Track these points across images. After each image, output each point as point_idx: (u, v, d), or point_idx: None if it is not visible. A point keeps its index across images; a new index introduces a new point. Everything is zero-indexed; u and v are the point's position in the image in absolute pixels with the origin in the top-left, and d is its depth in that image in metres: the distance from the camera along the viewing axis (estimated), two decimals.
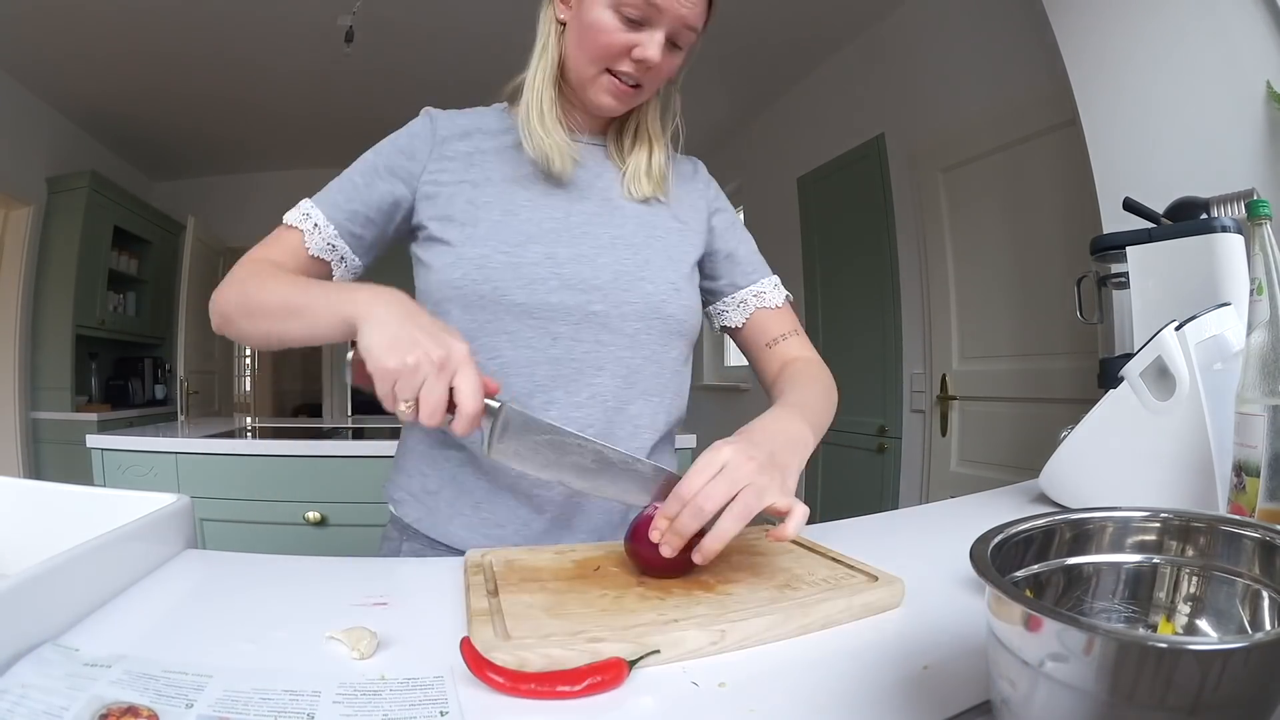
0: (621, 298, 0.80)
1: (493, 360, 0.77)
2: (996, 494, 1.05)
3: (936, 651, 0.49)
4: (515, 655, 0.46)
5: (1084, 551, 0.44)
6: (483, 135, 0.84)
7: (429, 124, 0.83)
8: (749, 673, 0.47)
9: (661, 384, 0.84)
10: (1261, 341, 0.65)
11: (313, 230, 0.80)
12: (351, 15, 2.85)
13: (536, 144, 0.80)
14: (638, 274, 0.81)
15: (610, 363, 0.80)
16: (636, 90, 0.79)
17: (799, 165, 3.44)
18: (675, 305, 0.83)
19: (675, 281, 0.83)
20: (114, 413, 4.03)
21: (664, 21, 0.74)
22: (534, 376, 0.78)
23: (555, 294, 0.77)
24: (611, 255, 0.80)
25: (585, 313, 0.78)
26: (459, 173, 0.81)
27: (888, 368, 2.89)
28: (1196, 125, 1.30)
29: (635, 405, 0.82)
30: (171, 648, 0.49)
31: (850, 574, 0.62)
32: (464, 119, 0.85)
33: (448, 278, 0.77)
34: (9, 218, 3.66)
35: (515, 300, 0.76)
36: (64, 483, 0.75)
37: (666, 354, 0.84)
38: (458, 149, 0.83)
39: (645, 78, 0.78)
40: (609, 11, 0.74)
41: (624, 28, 0.75)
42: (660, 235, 0.85)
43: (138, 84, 3.58)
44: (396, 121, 0.86)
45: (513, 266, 0.77)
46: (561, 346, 0.78)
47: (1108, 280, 1.26)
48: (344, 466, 2.17)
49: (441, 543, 0.81)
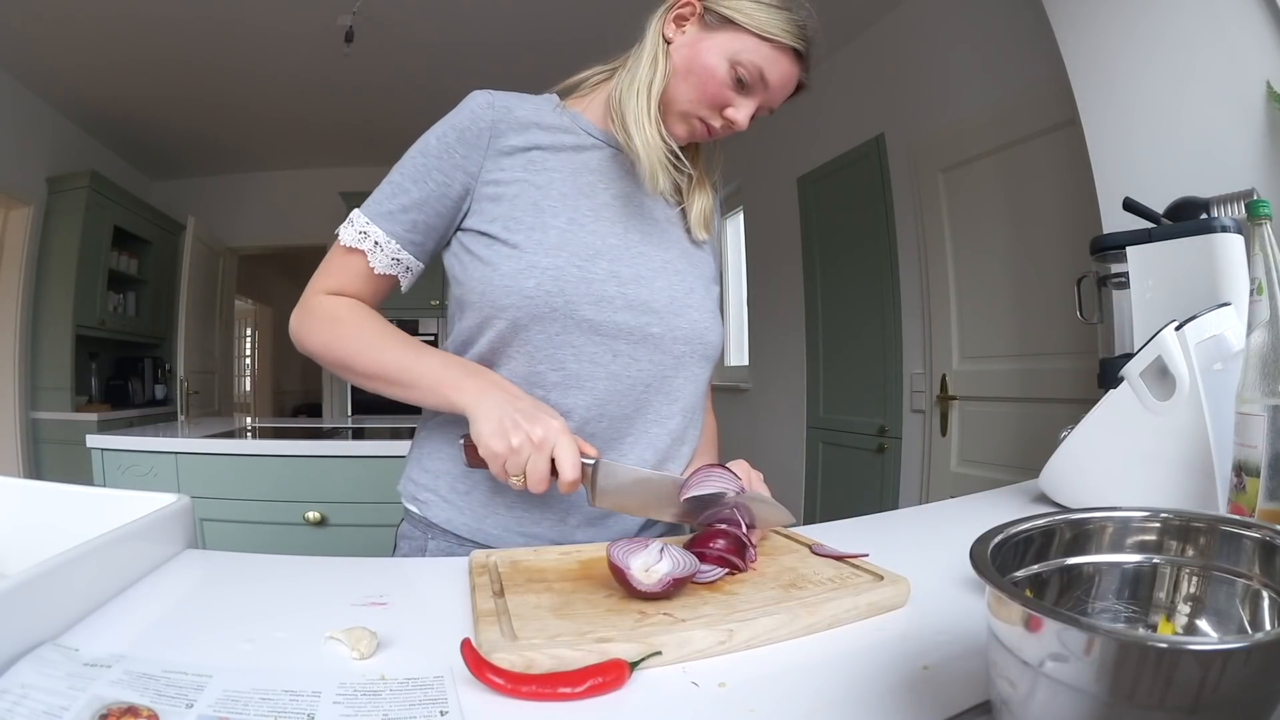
0: (674, 322, 0.82)
1: (556, 371, 0.78)
2: (996, 494, 1.05)
3: (937, 652, 0.49)
4: (523, 656, 0.46)
5: (1084, 551, 0.44)
6: (540, 131, 0.82)
7: (488, 110, 0.79)
8: (749, 673, 0.47)
9: (694, 403, 0.87)
10: (1261, 341, 0.65)
11: (374, 250, 0.78)
12: (351, 15, 2.85)
13: (648, 152, 0.78)
14: (685, 300, 0.83)
15: (657, 381, 0.82)
16: (709, 135, 0.82)
17: (799, 165, 3.44)
18: (714, 333, 0.86)
19: (712, 309, 0.87)
20: (114, 413, 4.03)
21: (763, 94, 0.79)
22: (594, 390, 0.79)
23: (620, 313, 0.78)
24: (665, 280, 0.82)
25: (644, 334, 0.80)
26: (520, 170, 0.79)
27: (888, 368, 2.88)
28: (1196, 125, 1.30)
29: (674, 421, 0.84)
30: (171, 648, 0.49)
31: (855, 573, 0.62)
32: (523, 109, 0.82)
33: (518, 284, 0.75)
34: (9, 218, 3.66)
35: (585, 315, 0.77)
36: (64, 483, 0.75)
37: (701, 375, 0.87)
38: (517, 143, 0.80)
39: (720, 133, 0.81)
40: (725, 63, 0.77)
41: (730, 85, 0.78)
42: (698, 264, 0.88)
43: (138, 84, 3.58)
44: (395, 123, 0.86)
45: (584, 281, 0.77)
46: (620, 364, 0.79)
47: (1108, 280, 1.26)
48: (344, 466, 2.17)
49: (473, 540, 0.81)
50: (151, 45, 3.18)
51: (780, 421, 3.65)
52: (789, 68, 0.78)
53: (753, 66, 0.77)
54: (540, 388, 0.78)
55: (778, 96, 0.80)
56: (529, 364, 0.78)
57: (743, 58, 0.76)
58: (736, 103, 0.79)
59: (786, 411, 3.59)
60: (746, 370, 4.13)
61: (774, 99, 0.80)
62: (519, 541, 0.80)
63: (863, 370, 3.04)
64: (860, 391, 3.06)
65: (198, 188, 5.02)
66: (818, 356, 3.35)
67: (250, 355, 8.47)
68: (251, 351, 8.48)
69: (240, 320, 7.54)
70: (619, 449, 0.81)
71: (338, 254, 0.80)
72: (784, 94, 0.80)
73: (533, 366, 0.78)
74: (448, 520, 0.82)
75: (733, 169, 4.10)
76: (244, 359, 8.28)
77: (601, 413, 0.79)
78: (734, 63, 0.77)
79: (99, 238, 3.94)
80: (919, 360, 2.73)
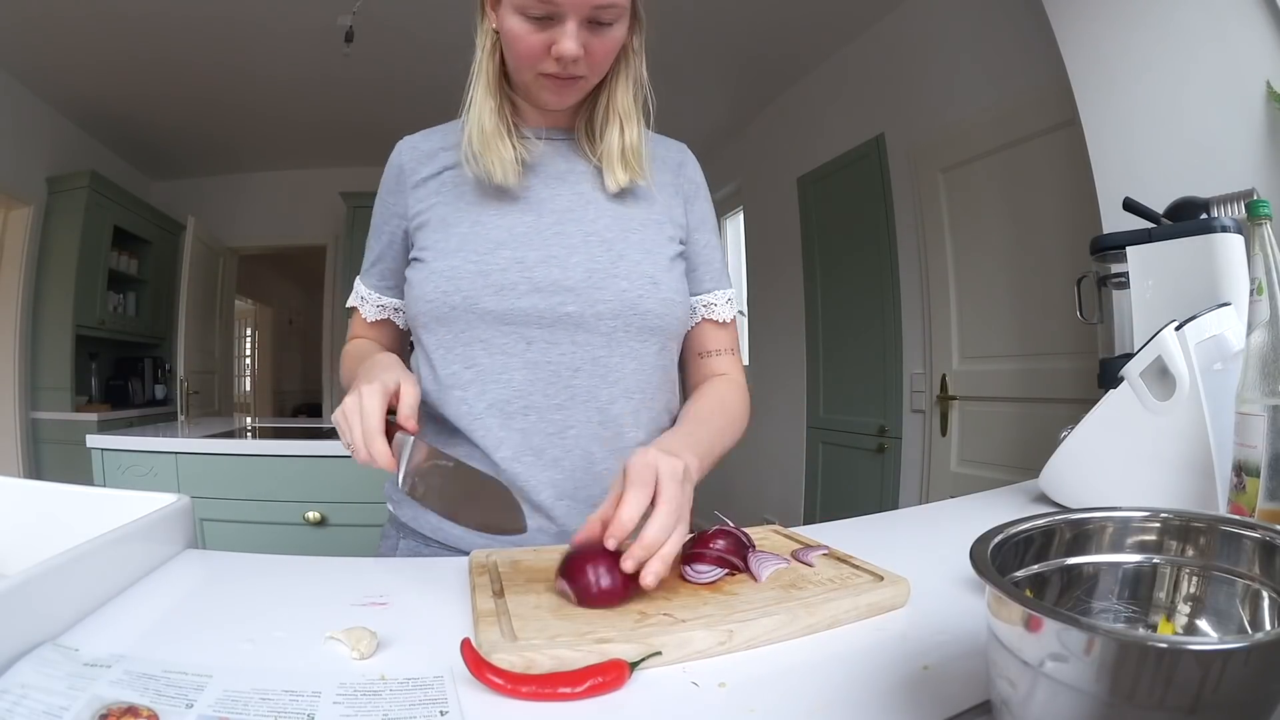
0: (594, 296, 0.78)
1: (469, 369, 0.79)
2: (996, 494, 1.05)
3: (937, 652, 0.49)
4: (523, 656, 0.46)
5: (1084, 551, 0.44)
6: (447, 152, 0.85)
7: (397, 155, 0.87)
8: (749, 673, 0.47)
9: (642, 381, 0.81)
10: (1261, 341, 0.65)
11: (363, 303, 0.92)
12: (351, 15, 2.85)
13: (476, 165, 0.79)
14: (610, 270, 0.79)
15: (587, 363, 0.78)
16: (576, 80, 0.77)
17: (799, 165, 3.44)
18: (652, 300, 0.80)
19: (652, 275, 0.81)
20: (114, 413, 4.02)
21: (569, 12, 0.71)
22: (512, 383, 0.78)
23: (525, 298, 0.77)
24: (584, 254, 0.79)
25: (557, 315, 0.77)
26: (433, 195, 0.84)
27: (888, 368, 2.88)
28: (1196, 125, 1.30)
29: (617, 405, 0.80)
30: (171, 648, 0.49)
31: (856, 574, 0.62)
32: (429, 141, 0.87)
33: (422, 293, 0.80)
34: (9, 218, 3.66)
35: (486, 308, 0.77)
36: (64, 483, 0.75)
37: (645, 350, 0.81)
38: (427, 172, 0.85)
39: (576, 69, 0.75)
40: (516, 17, 0.73)
41: (534, 29, 0.73)
42: (636, 228, 0.83)
43: (138, 84, 3.58)
44: (395, 123, 0.87)
45: (482, 274, 0.77)
46: (537, 350, 0.78)
47: (1108, 280, 1.26)
48: (344, 466, 2.17)
49: (436, 540, 0.82)
50: (152, 45, 3.18)
51: (780, 421, 3.65)
52: None
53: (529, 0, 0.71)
54: (458, 387, 0.79)
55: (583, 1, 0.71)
56: (445, 365, 0.80)
57: None
58: (554, 38, 0.73)
59: (786, 411, 3.59)
60: (746, 370, 4.13)
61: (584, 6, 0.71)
62: (480, 543, 0.76)
63: (863, 370, 3.04)
64: (860, 391, 3.06)
65: (198, 188, 5.02)
66: (818, 356, 3.35)
67: (250, 355, 8.48)
68: (251, 351, 8.49)
69: (240, 320, 7.55)
70: (563, 444, 0.78)
71: (352, 314, 0.96)
72: None
73: (448, 368, 0.80)
74: (413, 519, 0.84)
75: (733, 169, 4.11)
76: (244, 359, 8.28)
77: (528, 404, 0.77)
78: (520, 10, 0.72)
79: (99, 238, 3.94)
80: (919, 360, 2.73)
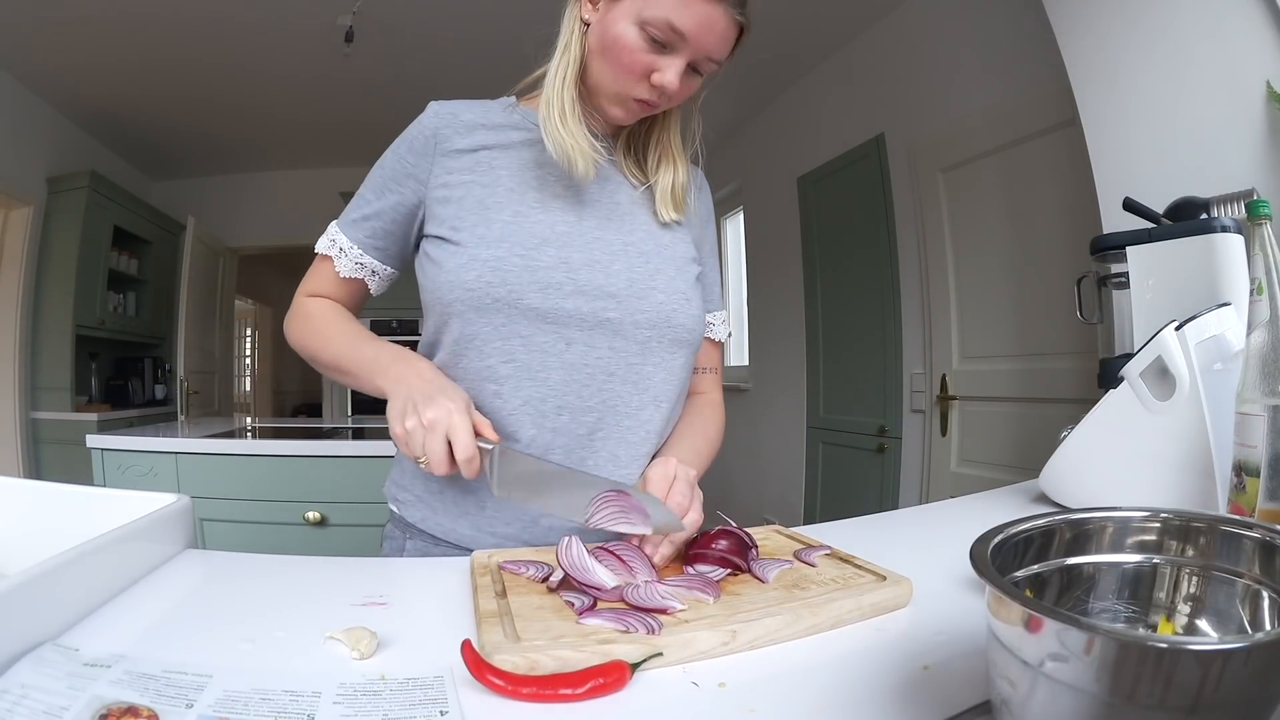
0: (635, 305, 0.79)
1: (507, 364, 0.77)
2: (996, 494, 1.05)
3: (937, 652, 0.49)
4: (526, 658, 0.46)
5: (1084, 551, 0.44)
6: (488, 131, 0.83)
7: (433, 118, 0.82)
8: (749, 673, 0.47)
9: (669, 390, 0.84)
10: (1261, 341, 0.65)
11: (339, 255, 0.84)
12: (351, 15, 2.85)
13: (558, 144, 0.77)
14: (649, 283, 0.81)
15: (622, 369, 0.80)
16: (652, 108, 0.79)
17: (799, 165, 3.44)
18: (685, 315, 0.83)
19: (685, 291, 0.84)
20: (114, 413, 4.02)
21: (687, 49, 0.73)
22: (548, 381, 0.78)
23: (570, 299, 0.77)
24: (624, 263, 0.80)
25: (599, 319, 0.78)
26: (467, 172, 0.81)
27: (888, 368, 2.88)
28: (1196, 125, 1.30)
29: (646, 411, 0.82)
30: (171, 648, 0.49)
31: (858, 574, 0.62)
32: (469, 112, 0.83)
33: (460, 279, 0.77)
34: (9, 218, 3.66)
35: (530, 304, 0.76)
36: (64, 483, 0.75)
37: (674, 361, 0.83)
38: (464, 145, 0.81)
39: (662, 101, 0.77)
40: (634, 28, 0.72)
41: (646, 48, 0.73)
42: (668, 244, 0.85)
43: (138, 84, 3.58)
44: (395, 123, 0.85)
45: (529, 270, 0.76)
46: (575, 352, 0.78)
47: (1108, 280, 1.26)
48: (344, 466, 2.17)
49: (446, 540, 0.81)
50: (152, 45, 3.18)
51: (780, 421, 3.65)
52: (704, 10, 0.71)
53: (660, 21, 0.71)
54: (493, 382, 0.77)
55: (706, 44, 0.73)
56: (480, 358, 0.78)
57: (648, 14, 0.71)
58: (659, 65, 0.73)
59: (786, 411, 3.59)
60: (746, 370, 4.13)
61: (703, 48, 0.73)
62: (491, 543, 0.78)
63: (863, 370, 3.04)
64: (860, 391, 3.06)
65: (198, 188, 5.02)
66: (818, 356, 3.35)
67: (250, 355, 8.47)
68: (251, 351, 8.48)
69: (240, 320, 7.54)
70: (590, 445, 0.79)
71: (316, 261, 0.87)
72: (714, 40, 0.73)
73: (484, 361, 0.78)
74: (423, 520, 0.83)
75: (733, 169, 4.10)
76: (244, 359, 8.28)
77: (561, 404, 0.78)
78: (642, 24, 0.71)
79: (99, 238, 3.94)
80: (919, 360, 2.73)
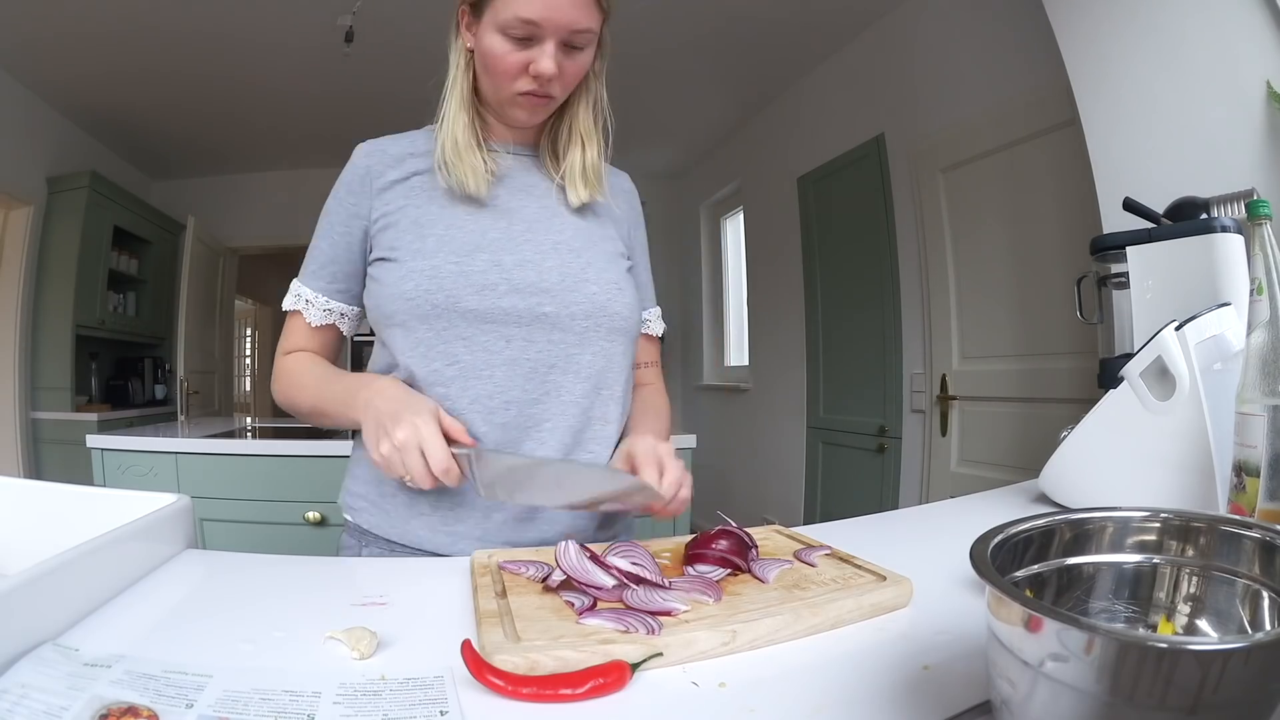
0: (569, 298, 0.83)
1: (451, 366, 0.80)
2: (996, 494, 1.05)
3: (937, 652, 0.49)
4: (526, 658, 0.46)
5: (1084, 551, 0.44)
6: (416, 158, 0.87)
7: (364, 158, 0.88)
8: (749, 673, 0.47)
9: (612, 378, 0.87)
10: (1261, 341, 0.65)
11: (307, 307, 0.89)
12: (351, 15, 2.85)
13: (451, 174, 0.83)
14: (581, 275, 0.84)
15: (561, 360, 0.83)
16: (548, 99, 0.82)
17: (799, 165, 3.44)
18: (619, 303, 0.87)
19: (616, 281, 0.87)
20: (114, 413, 4.02)
21: (549, 34, 0.76)
22: (493, 379, 0.81)
23: (506, 298, 0.81)
24: (556, 260, 0.84)
25: (535, 314, 0.82)
26: (401, 198, 0.85)
27: (888, 368, 2.88)
28: (1196, 125, 1.30)
29: (589, 399, 0.85)
30: (171, 648, 0.49)
31: (858, 574, 0.62)
32: (395, 146, 0.88)
33: (400, 290, 0.81)
34: (9, 218, 3.66)
35: (468, 306, 0.80)
36: (64, 483, 0.75)
37: (614, 349, 0.87)
38: (395, 176, 0.86)
39: (550, 88, 0.80)
40: (498, 36, 0.77)
41: (514, 48, 0.77)
42: (597, 240, 0.89)
43: (138, 85, 3.58)
44: (395, 123, 0.87)
45: (463, 275, 0.80)
46: (515, 348, 0.81)
47: (1108, 280, 1.26)
48: (344, 467, 2.16)
49: (403, 544, 0.83)
50: (152, 46, 3.18)
51: (780, 421, 3.66)
52: None
53: (512, 20, 0.75)
54: (440, 384, 0.81)
55: (562, 21, 0.75)
56: (426, 363, 0.81)
57: (502, 18, 0.75)
58: (532, 57, 0.77)
59: (786, 411, 3.59)
60: (746, 370, 4.13)
61: (562, 26, 0.75)
62: (445, 542, 0.81)
63: (863, 370, 3.05)
64: (860, 391, 3.06)
65: (198, 188, 5.02)
66: (818, 356, 3.35)
67: (250, 355, 8.47)
68: (251, 351, 8.48)
69: (240, 320, 7.54)
70: (536, 435, 0.82)
71: (287, 319, 0.92)
72: (567, 14, 0.75)
73: (430, 365, 0.81)
74: (377, 525, 0.85)
75: (733, 169, 4.11)
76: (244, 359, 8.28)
77: (508, 399, 0.81)
78: (501, 29, 0.76)
79: (99, 238, 3.94)
80: (919, 360, 2.73)
